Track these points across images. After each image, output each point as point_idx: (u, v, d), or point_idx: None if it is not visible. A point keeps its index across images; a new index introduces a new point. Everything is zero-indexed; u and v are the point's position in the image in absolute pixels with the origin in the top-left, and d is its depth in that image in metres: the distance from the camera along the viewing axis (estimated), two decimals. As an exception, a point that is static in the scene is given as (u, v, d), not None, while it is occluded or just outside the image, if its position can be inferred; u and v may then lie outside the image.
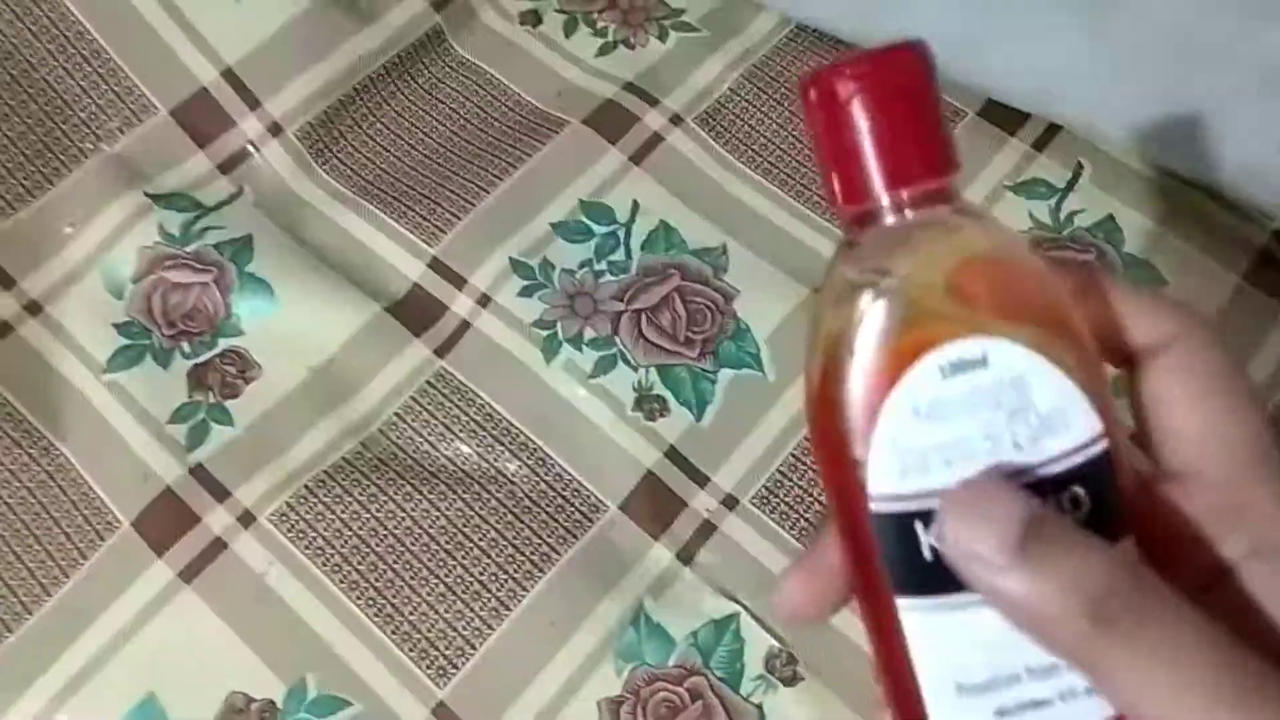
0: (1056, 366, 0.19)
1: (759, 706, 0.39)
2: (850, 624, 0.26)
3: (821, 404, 0.21)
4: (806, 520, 0.42)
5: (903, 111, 0.20)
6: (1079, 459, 0.20)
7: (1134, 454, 0.21)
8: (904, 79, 0.20)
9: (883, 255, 0.20)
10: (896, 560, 0.20)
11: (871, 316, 0.20)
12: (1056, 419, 0.20)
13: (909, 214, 0.20)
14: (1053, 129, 0.50)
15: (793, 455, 0.43)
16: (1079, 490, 0.20)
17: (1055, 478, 0.19)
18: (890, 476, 0.20)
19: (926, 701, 0.20)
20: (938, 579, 0.19)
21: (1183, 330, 0.22)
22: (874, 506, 0.20)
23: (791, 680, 0.39)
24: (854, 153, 0.20)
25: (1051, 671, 0.19)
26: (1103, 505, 0.20)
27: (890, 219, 0.20)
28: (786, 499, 0.43)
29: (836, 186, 0.21)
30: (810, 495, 0.43)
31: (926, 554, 0.19)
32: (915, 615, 0.20)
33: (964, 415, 0.19)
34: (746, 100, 0.51)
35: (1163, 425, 0.22)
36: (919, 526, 0.19)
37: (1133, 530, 0.20)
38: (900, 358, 0.19)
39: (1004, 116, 0.50)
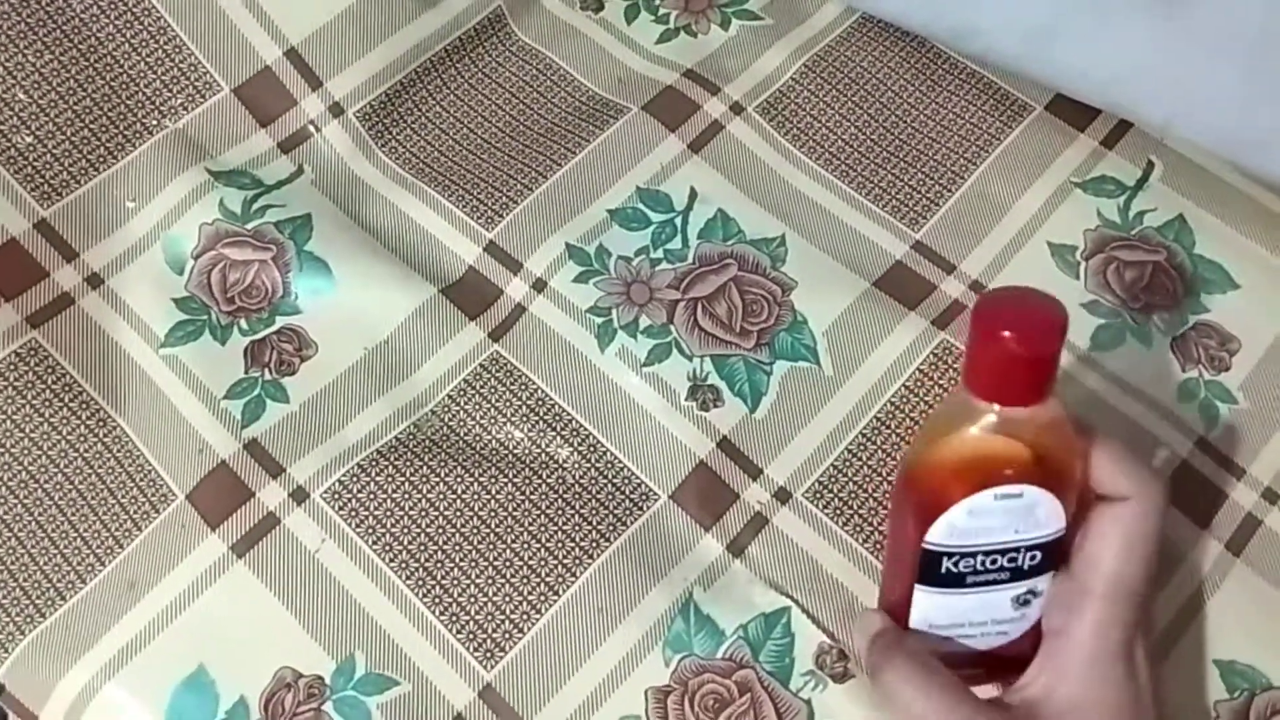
0: (1059, 501, 0.32)
1: (808, 702, 0.38)
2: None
3: (922, 482, 0.34)
4: (859, 516, 0.41)
5: (1037, 370, 0.31)
6: (1048, 538, 0.33)
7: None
8: (1045, 349, 0.30)
9: (991, 425, 0.32)
10: (924, 570, 0.34)
11: (975, 452, 0.32)
12: (1042, 522, 0.33)
13: (1011, 411, 0.31)
14: (1123, 125, 0.49)
15: (847, 450, 0.43)
16: (1036, 552, 0.33)
17: (1027, 545, 0.33)
18: (940, 535, 0.33)
19: (911, 621, 0.35)
20: (943, 582, 0.34)
21: (1135, 494, 0.33)
22: (925, 546, 0.34)
23: (842, 677, 0.38)
24: (994, 375, 0.31)
25: (981, 624, 0.35)
26: (1051, 555, 0.33)
27: (999, 411, 0.31)
28: (840, 494, 0.42)
29: (979, 384, 0.31)
30: (864, 491, 0.42)
31: (942, 571, 0.34)
32: (923, 594, 0.35)
33: (996, 518, 0.32)
34: (809, 90, 0.50)
35: (1090, 542, 0.33)
36: (943, 559, 0.33)
37: (1059, 568, 0.34)
38: (981, 481, 0.32)
39: (1073, 112, 0.49)
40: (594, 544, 0.41)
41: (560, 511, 0.42)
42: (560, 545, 0.41)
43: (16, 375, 0.42)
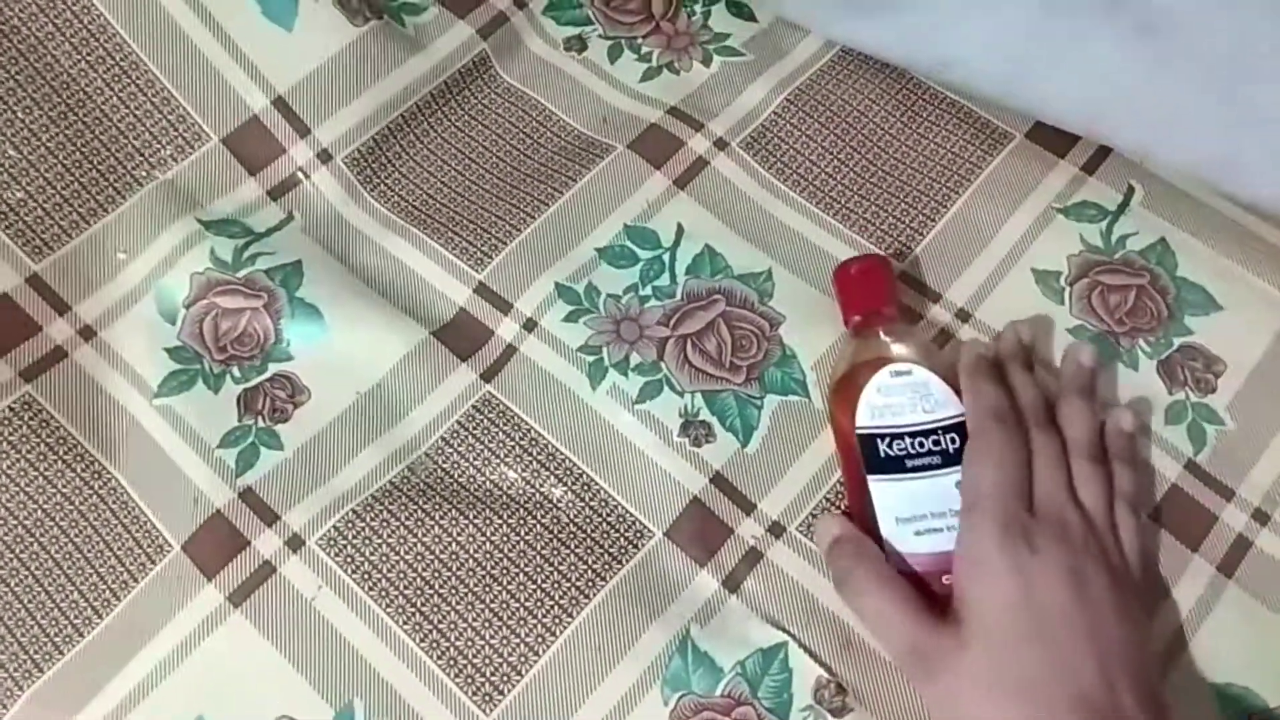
0: (944, 381, 0.41)
1: (807, 737, 0.38)
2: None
3: (844, 385, 0.42)
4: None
5: (879, 286, 0.44)
6: (952, 421, 0.40)
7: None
8: (883, 273, 0.44)
9: (876, 336, 0.43)
10: (868, 458, 0.40)
11: (873, 352, 0.42)
12: (941, 403, 0.41)
13: (886, 330, 0.43)
14: (1103, 151, 0.49)
15: (840, 483, 0.43)
16: (954, 434, 0.40)
17: (942, 426, 0.40)
18: (865, 418, 0.40)
19: (881, 525, 0.39)
20: (887, 467, 0.40)
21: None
22: (859, 431, 0.40)
23: (840, 711, 0.39)
24: (859, 301, 0.44)
25: (942, 515, 0.39)
26: (960, 440, 0.40)
27: (868, 327, 0.44)
28: (834, 526, 0.42)
29: (853, 314, 0.44)
30: (858, 522, 0.42)
31: (881, 455, 0.40)
32: (877, 485, 0.40)
33: (900, 394, 0.40)
34: (791, 124, 0.51)
35: None
36: (877, 441, 0.40)
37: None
38: (879, 368, 0.41)
39: (1053, 139, 0.50)
40: (590, 583, 0.41)
41: (555, 552, 0.42)
42: (556, 586, 0.41)
43: (11, 430, 0.43)
